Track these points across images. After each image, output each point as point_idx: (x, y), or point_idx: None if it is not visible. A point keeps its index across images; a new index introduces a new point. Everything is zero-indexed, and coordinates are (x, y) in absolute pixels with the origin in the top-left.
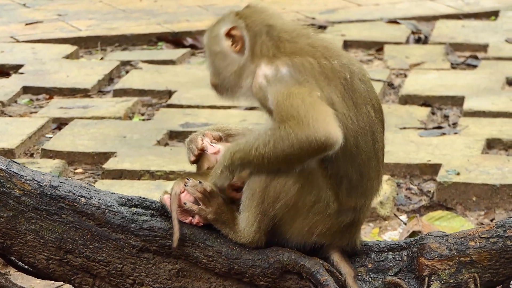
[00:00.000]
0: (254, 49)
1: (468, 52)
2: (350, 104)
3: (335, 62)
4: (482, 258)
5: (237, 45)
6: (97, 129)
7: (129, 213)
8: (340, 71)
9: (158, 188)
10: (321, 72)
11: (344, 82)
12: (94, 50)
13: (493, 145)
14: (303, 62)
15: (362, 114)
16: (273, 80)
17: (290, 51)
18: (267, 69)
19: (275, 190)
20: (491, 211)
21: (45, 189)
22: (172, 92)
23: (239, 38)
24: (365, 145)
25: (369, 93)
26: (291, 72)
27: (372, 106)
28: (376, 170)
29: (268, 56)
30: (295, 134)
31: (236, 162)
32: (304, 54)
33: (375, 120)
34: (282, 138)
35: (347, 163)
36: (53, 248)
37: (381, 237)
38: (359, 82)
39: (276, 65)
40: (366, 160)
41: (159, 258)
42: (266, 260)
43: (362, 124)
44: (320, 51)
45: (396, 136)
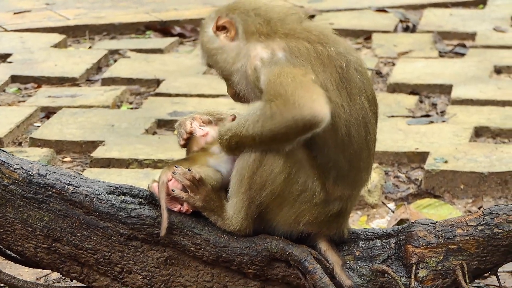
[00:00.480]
0: (247, 30)
1: (456, 41)
2: (344, 93)
3: (331, 49)
4: (469, 246)
5: (230, 32)
6: (85, 118)
7: (117, 201)
8: (336, 58)
9: (146, 177)
10: (316, 57)
11: (340, 70)
12: (82, 39)
13: (481, 133)
14: (299, 46)
15: (356, 105)
16: (268, 62)
17: (283, 32)
18: (263, 52)
19: (262, 177)
20: (479, 199)
21: (33, 178)
22: (160, 80)
23: (229, 24)
24: (357, 136)
25: (364, 84)
26: (287, 57)
27: (366, 97)
28: (367, 162)
29: (263, 35)
30: (281, 112)
31: (231, 143)
32: (299, 37)
33: (369, 111)
34: (269, 117)
35: (338, 152)
36: (41, 236)
37: (369, 225)
38: (355, 72)
39: (272, 49)
40: (358, 150)
41: (147, 246)
42: (254, 248)
43: (355, 114)
44: (315, 35)
45: (384, 124)
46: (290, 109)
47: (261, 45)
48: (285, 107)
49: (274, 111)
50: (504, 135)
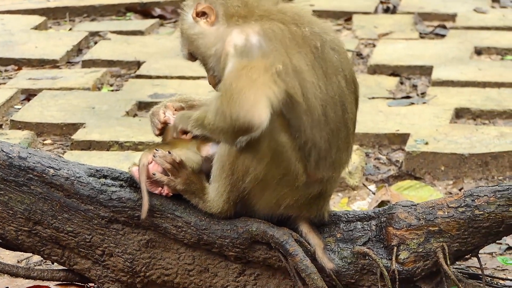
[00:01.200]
0: (226, 13)
1: (436, 22)
2: (319, 72)
3: (306, 30)
4: (450, 228)
5: (210, 17)
6: (66, 100)
7: (98, 184)
8: (311, 38)
9: (127, 159)
10: (291, 38)
11: (315, 50)
12: (62, 21)
13: (461, 115)
14: (273, 28)
15: (332, 84)
16: (240, 51)
17: (259, 14)
18: (238, 38)
19: (244, 163)
20: (460, 181)
21: (13, 161)
22: (140, 62)
23: (209, 9)
24: (334, 115)
25: (341, 63)
26: (260, 42)
27: (343, 76)
28: (346, 142)
29: (241, 17)
30: (223, 110)
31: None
32: (273, 19)
33: (346, 90)
34: (216, 112)
35: (315, 132)
36: (22, 219)
37: (350, 207)
38: (331, 52)
39: (246, 34)
40: (335, 130)
41: (128, 229)
42: (235, 230)
43: (332, 93)
44: (290, 16)
45: (364, 106)
46: (230, 107)
47: (237, 30)
48: (228, 104)
49: (219, 106)
50: (485, 116)
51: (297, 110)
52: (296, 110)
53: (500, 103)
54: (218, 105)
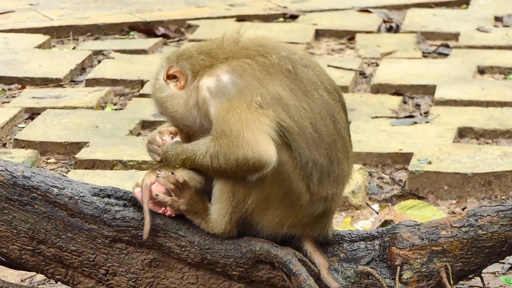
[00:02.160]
0: (194, 70)
1: (439, 41)
2: (299, 93)
3: (273, 57)
4: (453, 247)
5: (180, 81)
6: (70, 119)
7: (102, 203)
8: (281, 64)
9: (130, 178)
10: (261, 70)
11: (288, 73)
12: (66, 40)
13: (464, 134)
14: (241, 64)
15: (315, 100)
16: (216, 92)
17: (224, 57)
18: (209, 81)
19: (245, 184)
20: (463, 200)
21: (17, 180)
22: (144, 81)
23: (179, 73)
24: (326, 129)
25: (318, 77)
26: (232, 79)
27: (324, 89)
28: (344, 151)
29: (207, 67)
30: (225, 154)
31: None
32: (238, 56)
33: (331, 102)
34: (215, 156)
35: (313, 151)
36: (26, 238)
37: (353, 226)
38: (304, 69)
39: (217, 75)
40: (332, 143)
41: (132, 248)
42: (239, 250)
43: (317, 109)
44: (253, 49)
45: (367, 125)
46: (234, 151)
47: (206, 75)
48: (229, 149)
49: (218, 151)
50: (488, 135)
51: (290, 133)
52: (289, 133)
53: (503, 122)
54: (216, 150)
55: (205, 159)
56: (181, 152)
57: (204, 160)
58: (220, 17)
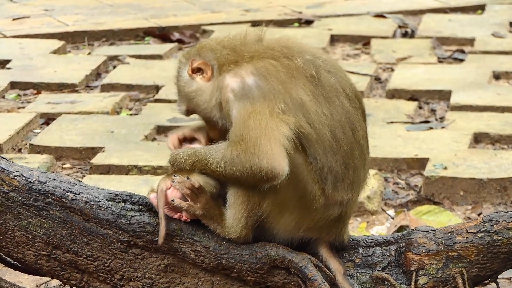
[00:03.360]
0: (219, 64)
1: (454, 46)
2: (321, 99)
3: (298, 60)
4: (469, 253)
5: (206, 73)
6: (85, 124)
7: (117, 208)
8: (305, 68)
9: (146, 183)
10: (285, 72)
11: (311, 78)
12: (81, 45)
13: (480, 139)
14: (266, 65)
15: (336, 107)
16: (240, 95)
17: (249, 56)
18: (233, 82)
19: (260, 189)
20: (479, 206)
21: (33, 185)
22: (159, 87)
23: (204, 65)
24: (344, 137)
25: (340, 83)
26: (257, 82)
27: (346, 96)
28: (361, 159)
29: (232, 63)
30: (241, 160)
31: (194, 167)
32: (264, 57)
33: (352, 109)
34: (230, 162)
35: (330, 157)
36: (41, 243)
37: (369, 231)
38: (327, 75)
39: (241, 76)
40: (349, 151)
41: (147, 254)
42: (254, 255)
43: (337, 117)
44: (279, 51)
45: (383, 130)
46: (249, 159)
47: (230, 74)
48: (246, 156)
49: (234, 157)
50: (504, 141)
51: (308, 140)
52: (307, 140)
53: None
54: (233, 155)
55: (219, 166)
56: (192, 154)
57: (218, 166)
58: (235, 22)
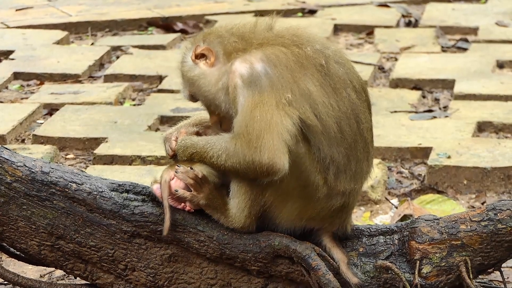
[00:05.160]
0: (226, 50)
1: (458, 35)
2: (329, 90)
3: (307, 49)
4: (473, 242)
5: (210, 59)
6: (88, 115)
7: (121, 198)
8: (314, 57)
9: (149, 173)
10: (295, 61)
11: (320, 68)
12: (84, 36)
13: (484, 128)
14: (276, 52)
15: (343, 99)
16: (248, 81)
17: (258, 43)
18: (242, 67)
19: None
20: (482, 194)
21: (36, 175)
22: (162, 77)
23: (207, 50)
24: (349, 129)
25: (348, 75)
26: (266, 69)
27: (353, 88)
28: (365, 152)
29: (240, 50)
30: (243, 153)
31: (193, 158)
32: (273, 44)
33: (358, 101)
34: (232, 154)
35: (333, 148)
36: (44, 234)
37: (372, 221)
38: (336, 66)
39: (250, 62)
40: (353, 143)
41: (151, 244)
42: (258, 245)
43: (344, 108)
44: (289, 39)
45: (386, 119)
46: (252, 153)
47: (239, 60)
48: (248, 149)
49: (237, 150)
50: (507, 130)
51: (313, 131)
52: (311, 131)
53: None
54: (236, 148)
55: (220, 158)
56: (190, 145)
57: (219, 159)
58: (239, 12)
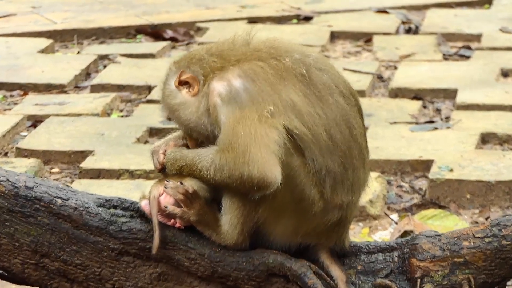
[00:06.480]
0: (205, 73)
1: (460, 43)
2: (313, 99)
3: (286, 60)
4: (476, 259)
5: (193, 87)
6: (74, 127)
7: (108, 214)
8: (294, 67)
9: (137, 188)
10: (274, 74)
11: (302, 78)
12: (70, 44)
13: (487, 140)
14: (253, 67)
15: (330, 105)
16: (227, 99)
17: (236, 59)
18: (220, 86)
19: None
20: (486, 209)
21: (19, 190)
22: (152, 87)
23: (192, 79)
24: (341, 136)
25: (333, 80)
26: (244, 84)
27: (340, 93)
28: (360, 158)
29: (217, 69)
30: (230, 168)
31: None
32: (250, 59)
33: (347, 107)
34: (219, 168)
35: (327, 158)
36: (28, 251)
37: (371, 237)
38: (318, 73)
39: (228, 80)
40: (347, 150)
41: (139, 262)
42: (251, 262)
43: (332, 115)
44: (266, 52)
45: (386, 131)
46: (239, 167)
47: (216, 79)
48: (235, 164)
49: (223, 164)
50: None
51: (303, 140)
52: (301, 140)
53: None
54: (222, 162)
55: (209, 171)
56: (180, 158)
57: (208, 172)
58: (231, 19)
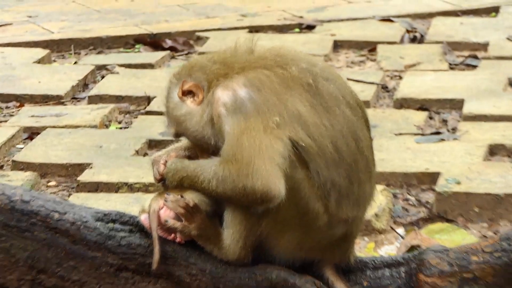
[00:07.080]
0: (209, 80)
1: (467, 52)
2: (320, 109)
3: (293, 69)
4: (485, 274)
5: (198, 95)
6: (71, 139)
7: (106, 229)
8: (301, 77)
9: (137, 202)
10: (280, 83)
11: (308, 88)
12: (67, 54)
13: (495, 151)
14: (259, 76)
15: (337, 117)
16: (232, 109)
17: (240, 67)
18: (224, 95)
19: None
20: (495, 223)
21: (16, 204)
22: (151, 98)
23: (195, 87)
24: (347, 148)
25: (340, 91)
26: (250, 94)
27: (347, 104)
28: (367, 172)
29: (221, 76)
30: (233, 180)
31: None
32: (255, 67)
33: (353, 118)
34: (222, 180)
35: (333, 171)
36: (24, 267)
37: (377, 252)
38: (325, 83)
39: (233, 89)
40: (353, 163)
41: (139, 278)
42: (254, 278)
43: (339, 127)
44: (272, 60)
45: (391, 142)
46: (242, 179)
47: (221, 87)
48: (238, 176)
49: (226, 176)
50: None
51: (308, 153)
52: (306, 153)
53: None
54: (225, 174)
55: (211, 183)
56: (181, 168)
57: (210, 184)
58: (232, 28)
